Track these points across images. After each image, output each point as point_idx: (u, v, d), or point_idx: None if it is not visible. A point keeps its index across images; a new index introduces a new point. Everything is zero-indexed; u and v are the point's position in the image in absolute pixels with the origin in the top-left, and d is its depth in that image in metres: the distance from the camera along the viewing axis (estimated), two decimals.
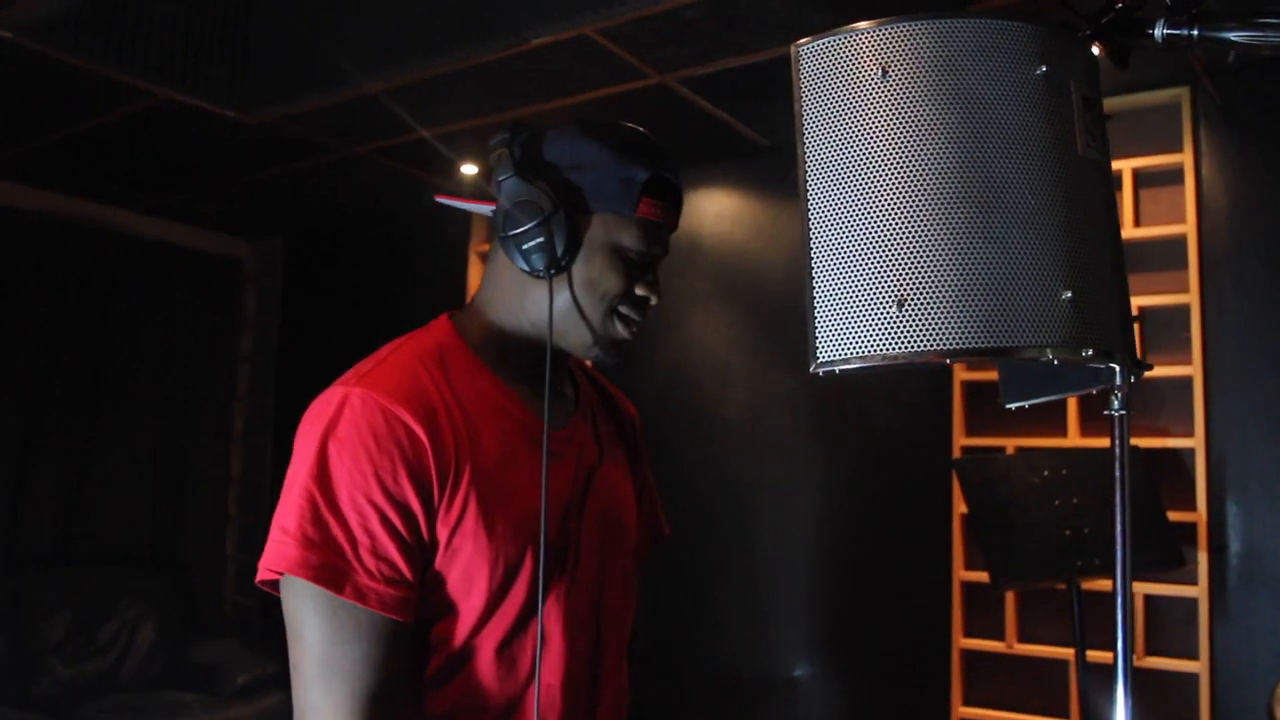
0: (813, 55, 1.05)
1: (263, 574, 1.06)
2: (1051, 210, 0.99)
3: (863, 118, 1.00)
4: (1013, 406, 1.29)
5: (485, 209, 1.20)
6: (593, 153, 1.14)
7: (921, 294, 0.95)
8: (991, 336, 0.95)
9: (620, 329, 1.17)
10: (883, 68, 1.00)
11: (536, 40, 2.76)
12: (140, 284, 4.79)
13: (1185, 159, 2.87)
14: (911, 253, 0.96)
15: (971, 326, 0.95)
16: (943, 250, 0.96)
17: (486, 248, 4.32)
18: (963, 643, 3.06)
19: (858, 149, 1.00)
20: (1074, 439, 2.94)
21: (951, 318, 0.95)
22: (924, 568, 3.19)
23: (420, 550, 1.06)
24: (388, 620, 1.03)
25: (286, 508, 1.05)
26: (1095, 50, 1.11)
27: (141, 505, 4.75)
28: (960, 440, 3.11)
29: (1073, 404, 2.96)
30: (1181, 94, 2.89)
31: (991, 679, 3.06)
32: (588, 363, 1.28)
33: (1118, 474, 1.04)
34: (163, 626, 4.39)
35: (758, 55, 2.81)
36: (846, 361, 0.98)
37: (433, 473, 1.06)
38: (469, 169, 3.98)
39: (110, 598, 4.30)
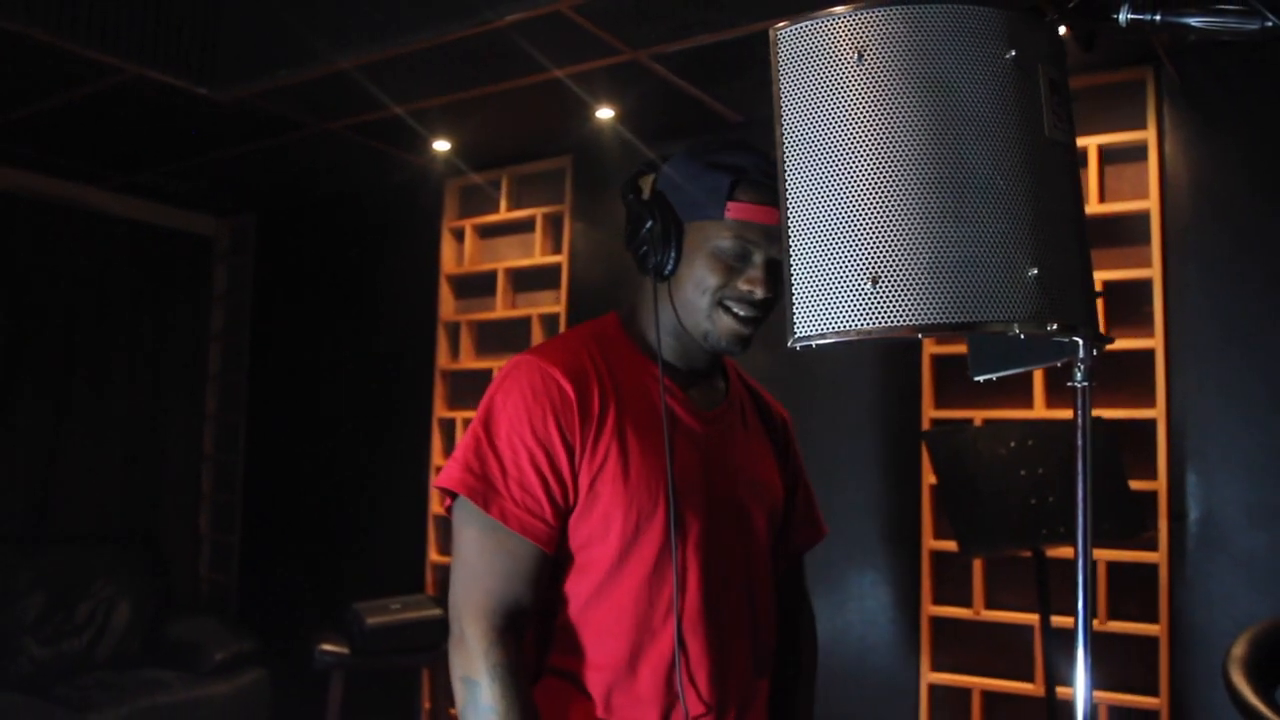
0: (791, 39, 1.08)
1: (439, 486, 1.28)
2: (1019, 191, 1.03)
3: (839, 100, 1.04)
4: (981, 379, 1.33)
5: None
6: (687, 169, 1.34)
7: (895, 271, 0.99)
8: (961, 312, 0.99)
9: (729, 320, 1.31)
10: (858, 51, 1.04)
11: (511, 16, 2.76)
12: (110, 262, 4.74)
13: (1149, 136, 2.93)
14: (885, 232, 1.00)
15: (942, 302, 0.99)
16: (915, 229, 1.00)
17: (460, 223, 4.32)
18: (931, 610, 3.13)
19: (834, 131, 1.03)
20: (1040, 410, 3.00)
21: (923, 294, 0.99)
22: (894, 537, 3.27)
23: (564, 492, 1.26)
24: (525, 543, 1.24)
25: (461, 443, 1.29)
26: (1062, 33, 1.15)
27: (115, 484, 4.73)
28: (930, 412, 3.17)
29: (1039, 377, 3.03)
30: (1145, 73, 2.94)
31: (959, 645, 3.14)
32: (737, 364, 1.53)
33: (1079, 443, 1.09)
34: (138, 605, 4.39)
35: (729, 32, 2.82)
36: (823, 336, 1.02)
37: (577, 422, 1.26)
38: (441, 145, 3.97)
39: (85, 577, 4.29)
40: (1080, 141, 3.02)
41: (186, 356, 5.09)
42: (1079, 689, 1.06)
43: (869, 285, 1.00)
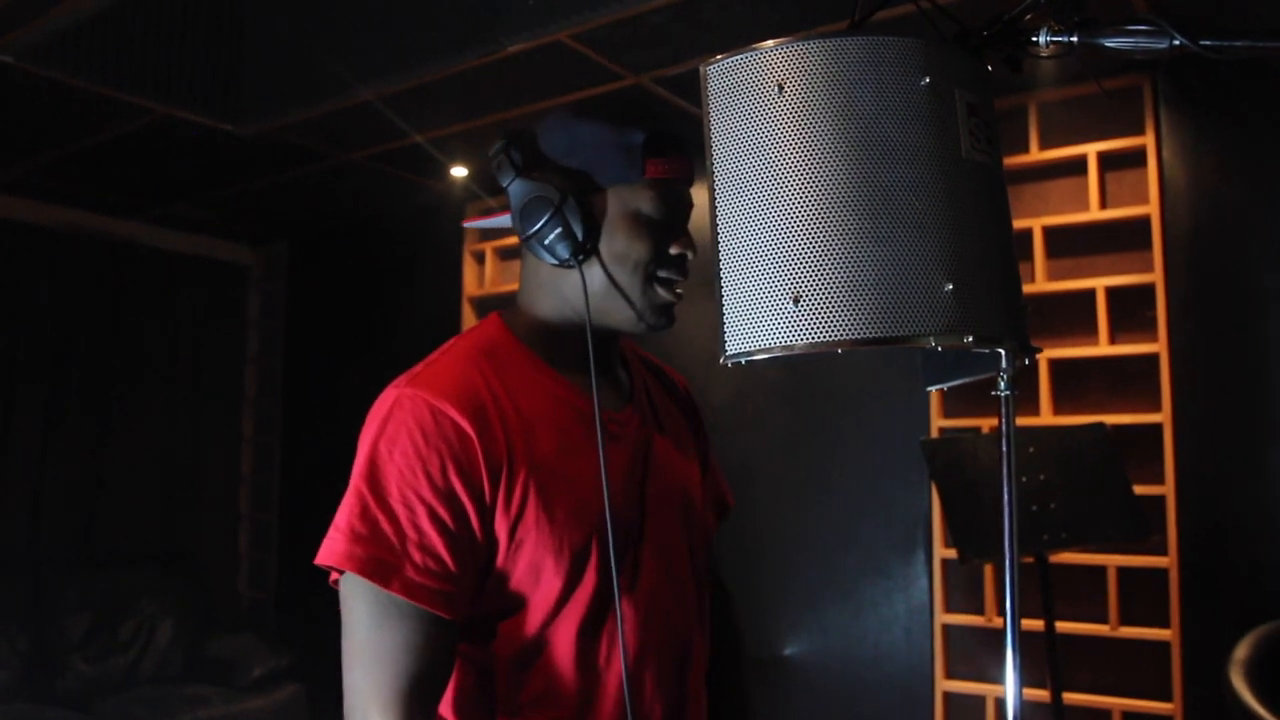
0: (719, 74, 1.14)
1: (323, 563, 1.09)
2: (934, 211, 1.08)
3: (761, 130, 1.10)
4: (932, 389, 1.39)
5: (505, 220, 1.21)
6: (586, 131, 1.15)
7: (815, 291, 1.05)
8: (880, 327, 1.04)
9: (663, 293, 1.17)
10: (779, 84, 1.10)
11: (514, 47, 2.86)
12: (148, 291, 4.93)
13: (1148, 142, 2.95)
14: (805, 253, 1.06)
15: (861, 319, 1.04)
16: (834, 251, 1.06)
17: (480, 246, 4.43)
18: (944, 618, 3.15)
19: (757, 159, 1.10)
20: (1046, 417, 3.02)
21: (843, 312, 1.04)
22: (906, 545, 3.29)
23: (473, 547, 1.08)
24: (434, 616, 1.05)
25: (341, 506, 1.08)
26: (983, 59, 1.20)
27: (156, 506, 4.90)
28: (938, 421, 3.20)
29: (1044, 387, 3.04)
30: (1142, 80, 2.96)
31: (974, 652, 3.16)
32: (632, 343, 1.35)
33: (1004, 449, 1.13)
34: (180, 622, 4.54)
35: (725, 55, 2.89)
36: (751, 353, 1.08)
37: (482, 468, 1.07)
38: (459, 171, 4.09)
39: (129, 596, 4.45)
40: (1081, 149, 3.04)
41: (223, 381, 5.26)
42: (1010, 690, 1.10)
43: (791, 304, 1.06)
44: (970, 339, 1.07)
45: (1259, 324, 2.79)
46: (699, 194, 1.19)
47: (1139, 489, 2.66)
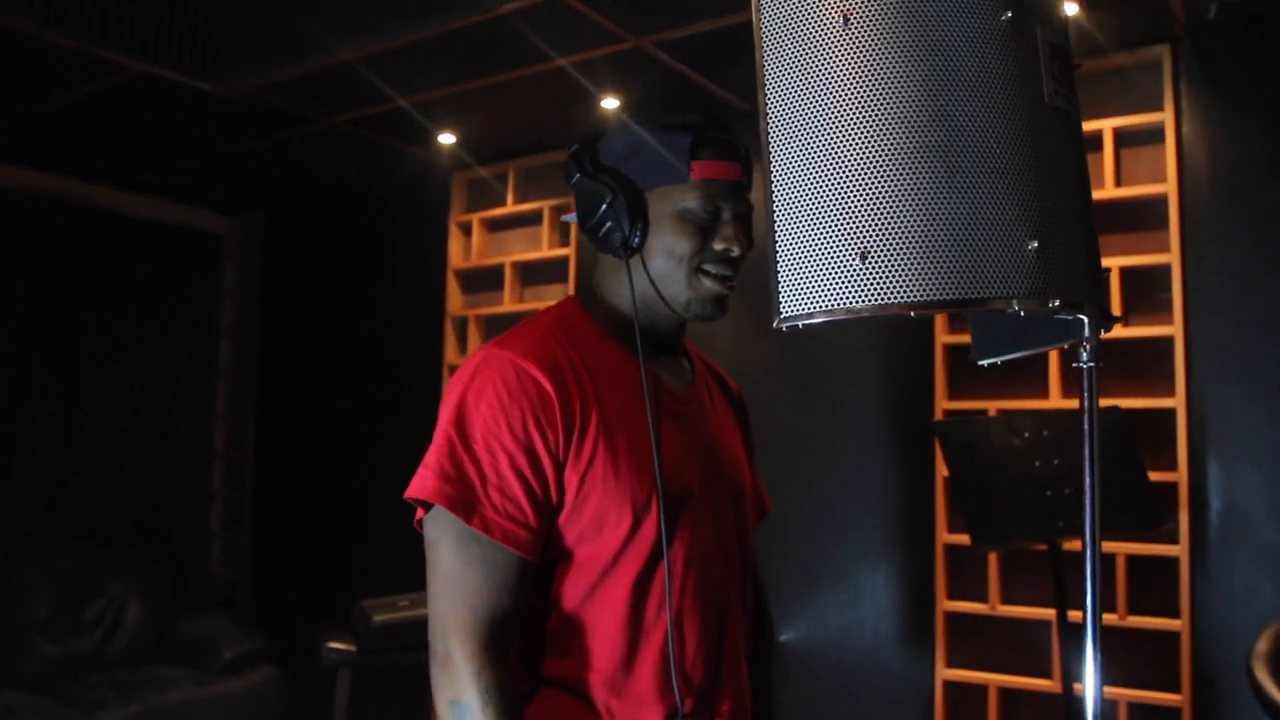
0: (774, 3, 1.02)
1: (411, 496, 1.19)
2: (1017, 160, 0.97)
3: (824, 66, 0.98)
4: (985, 363, 1.27)
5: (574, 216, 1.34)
6: (639, 136, 1.28)
7: (885, 245, 0.94)
8: (956, 288, 0.93)
9: (709, 284, 1.26)
10: (844, 15, 0.98)
11: (510, 5, 2.72)
12: (119, 259, 4.74)
13: (1166, 118, 2.85)
14: (874, 205, 0.95)
15: (936, 278, 0.93)
16: (906, 202, 0.94)
17: (467, 217, 4.29)
18: (946, 605, 3.07)
19: (819, 99, 0.98)
20: (1055, 400, 2.93)
21: (916, 270, 0.93)
22: (907, 531, 3.20)
23: (546, 495, 1.18)
24: (509, 553, 1.16)
25: (430, 449, 1.20)
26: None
27: (125, 481, 4.74)
28: (942, 403, 3.11)
29: (1054, 366, 2.95)
30: (1163, 52, 2.87)
31: (974, 641, 3.08)
32: (693, 345, 1.45)
33: (1086, 427, 1.03)
34: (149, 602, 4.38)
35: (733, 18, 2.77)
36: (810, 315, 0.96)
37: (559, 421, 1.18)
38: (446, 138, 3.94)
39: (96, 574, 4.29)
40: (1096, 124, 2.94)
41: (196, 353, 5.09)
42: (1089, 687, 1.01)
43: (858, 261, 0.94)
44: (1056, 303, 0.97)
45: (1277, 307, 2.71)
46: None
47: (1151, 475, 2.58)
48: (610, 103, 3.48)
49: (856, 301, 0.94)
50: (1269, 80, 2.77)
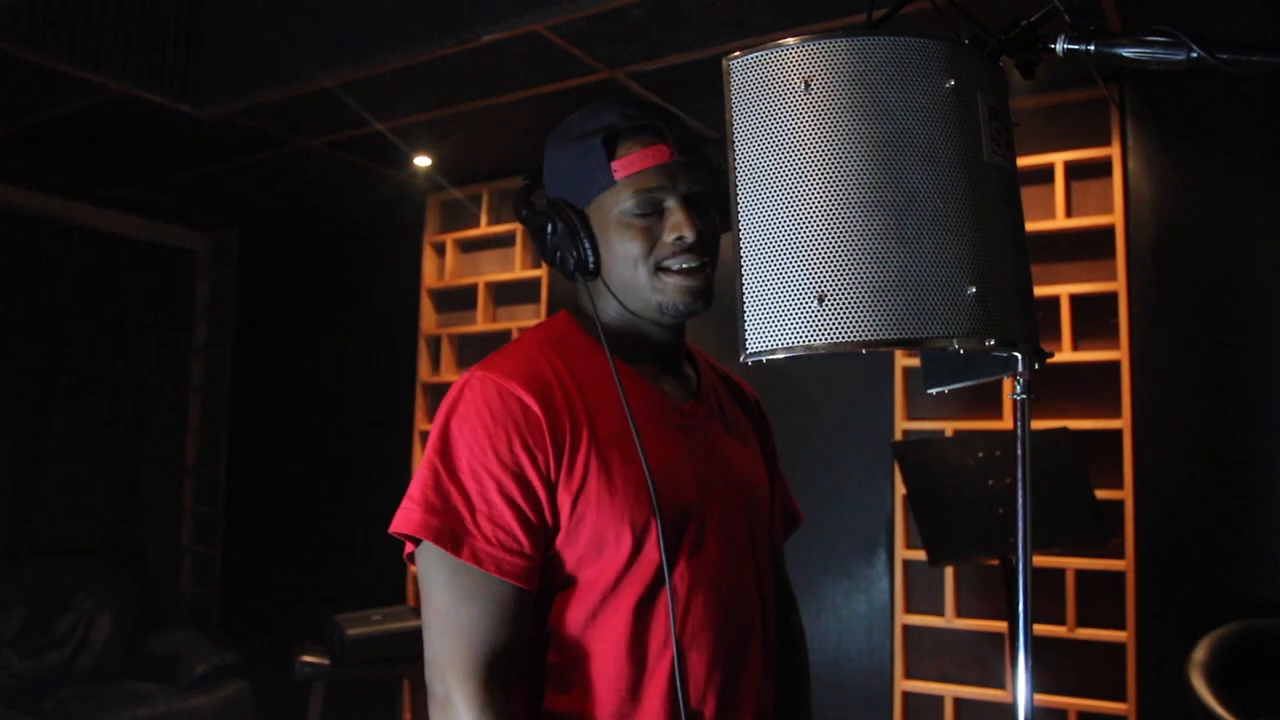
0: (742, 69, 1.13)
1: (396, 531, 1.15)
2: (958, 212, 1.08)
3: (786, 127, 1.09)
4: (933, 391, 1.38)
5: None
6: (557, 156, 1.25)
7: (840, 290, 1.04)
8: (903, 329, 1.04)
9: (674, 280, 1.20)
10: (805, 81, 1.09)
11: (488, 36, 2.81)
12: (92, 275, 4.77)
13: (1114, 152, 3.00)
14: (830, 253, 1.05)
15: (885, 320, 1.03)
16: (859, 251, 1.05)
17: (441, 238, 4.37)
18: (905, 618, 3.18)
19: (782, 156, 1.08)
20: (1009, 422, 3.06)
21: (867, 311, 1.03)
22: (867, 546, 3.32)
23: (540, 519, 1.14)
24: (505, 584, 1.11)
25: (415, 480, 1.15)
26: (1002, 63, 1.20)
27: (96, 496, 4.75)
28: (902, 424, 3.23)
29: (1008, 389, 3.08)
30: (1111, 90, 3.02)
31: (932, 653, 3.19)
32: (704, 352, 1.41)
33: (1019, 453, 1.14)
34: (120, 618, 4.40)
35: (702, 52, 2.89)
36: (773, 351, 1.07)
37: (548, 442, 1.14)
38: (422, 160, 4.02)
39: (66, 590, 4.30)
40: (1047, 157, 3.09)
41: (169, 370, 5.11)
42: (1020, 694, 1.11)
43: (816, 303, 1.05)
44: (992, 342, 1.08)
45: (1219, 333, 2.86)
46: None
47: (1099, 494, 2.71)
48: None
49: (814, 340, 1.04)
50: (1208, 118, 2.94)
